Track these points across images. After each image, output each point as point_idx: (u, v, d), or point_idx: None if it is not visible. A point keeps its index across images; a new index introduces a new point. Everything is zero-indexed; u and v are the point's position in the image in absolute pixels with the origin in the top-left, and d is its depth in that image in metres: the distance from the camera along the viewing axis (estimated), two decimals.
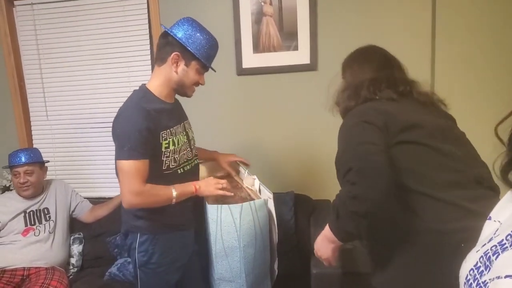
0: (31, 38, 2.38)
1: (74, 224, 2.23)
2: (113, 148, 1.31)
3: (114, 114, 1.34)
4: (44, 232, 2.04)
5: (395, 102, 1.12)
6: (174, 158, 1.36)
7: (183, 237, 1.45)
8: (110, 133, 1.33)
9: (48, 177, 2.22)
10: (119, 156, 1.28)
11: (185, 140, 1.43)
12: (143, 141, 1.25)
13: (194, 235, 1.52)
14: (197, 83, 1.41)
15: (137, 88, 1.41)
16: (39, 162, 2.09)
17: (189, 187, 1.37)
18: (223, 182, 1.43)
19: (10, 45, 2.36)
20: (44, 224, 2.06)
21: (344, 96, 1.21)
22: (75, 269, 2.15)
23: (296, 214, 2.03)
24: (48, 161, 2.18)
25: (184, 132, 1.44)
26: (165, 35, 1.36)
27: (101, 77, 2.34)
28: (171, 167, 1.35)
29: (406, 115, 1.08)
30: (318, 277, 1.55)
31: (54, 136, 2.45)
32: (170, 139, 1.34)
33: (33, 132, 2.47)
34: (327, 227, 1.06)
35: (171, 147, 1.34)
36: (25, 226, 2.03)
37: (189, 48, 1.32)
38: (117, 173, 1.31)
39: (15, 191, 2.12)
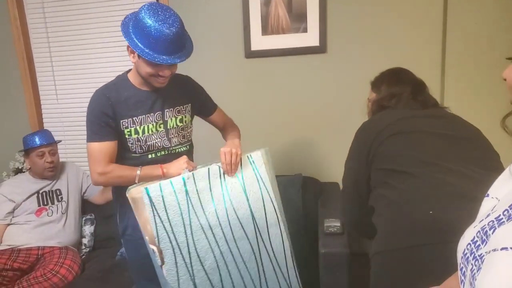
0: (40, 21, 2.38)
1: (85, 206, 2.27)
2: None
3: None
4: (57, 213, 2.09)
5: (410, 112, 1.23)
6: (139, 145, 1.37)
7: None
8: None
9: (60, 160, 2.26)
10: (86, 138, 1.36)
11: (160, 129, 1.39)
12: (102, 124, 1.31)
13: None
14: (155, 75, 1.29)
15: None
16: (56, 143, 2.15)
17: (156, 170, 1.33)
18: (188, 161, 1.35)
19: (20, 28, 2.36)
20: (57, 205, 2.11)
21: (373, 108, 1.36)
22: (87, 249, 2.20)
23: (304, 196, 2.04)
24: (60, 141, 2.22)
25: (161, 121, 1.39)
26: None
27: (110, 60, 2.35)
28: (137, 152, 1.38)
29: (412, 125, 1.18)
30: (326, 257, 1.57)
31: (63, 118, 2.48)
32: (132, 128, 1.34)
33: (43, 115, 2.50)
34: None
35: (134, 136, 1.35)
36: (38, 206, 2.08)
37: (127, 40, 1.24)
38: None
39: (28, 173, 2.16)
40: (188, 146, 1.50)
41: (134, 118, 1.34)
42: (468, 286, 0.57)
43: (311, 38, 2.16)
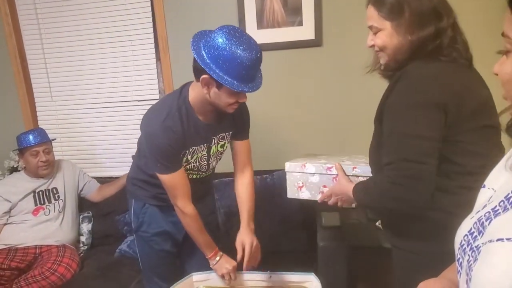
0: (32, 17, 2.34)
1: (83, 204, 2.26)
2: (119, 127, 1.34)
3: (118, 93, 1.35)
4: (54, 211, 2.08)
5: (460, 69, 0.95)
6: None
7: (172, 214, 1.43)
8: (116, 112, 1.36)
9: (55, 157, 2.24)
10: (154, 169, 1.33)
11: (203, 154, 1.39)
12: (171, 156, 1.29)
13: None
14: (232, 103, 1.24)
15: (178, 87, 1.35)
16: (50, 141, 2.13)
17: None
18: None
19: (11, 25, 2.33)
20: (54, 204, 2.10)
21: (403, 49, 0.97)
22: (85, 247, 2.20)
23: None
24: (55, 139, 2.20)
25: (206, 148, 1.38)
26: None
27: (104, 56, 2.32)
28: None
29: (476, 91, 0.94)
30: (325, 250, 1.58)
31: (58, 116, 2.46)
32: (185, 158, 1.34)
33: (38, 113, 2.48)
34: (350, 189, 1.09)
35: (183, 162, 1.35)
36: (35, 206, 2.07)
37: (213, 75, 1.14)
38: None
39: (23, 172, 2.15)
40: (213, 170, 1.52)
41: (190, 149, 1.33)
42: (464, 277, 0.57)
43: (306, 31, 2.14)
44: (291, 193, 1.41)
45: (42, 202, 2.08)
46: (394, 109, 0.94)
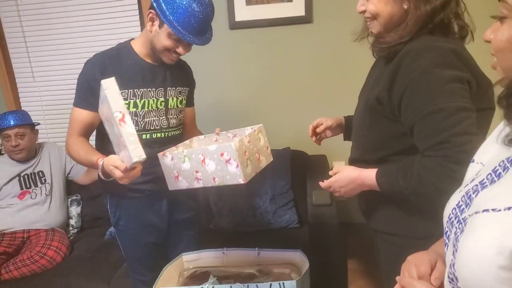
0: None
1: (71, 186, 2.22)
2: None
3: None
4: (41, 195, 2.04)
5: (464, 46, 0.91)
6: (136, 121, 1.27)
7: (151, 203, 1.38)
8: None
9: (40, 140, 2.18)
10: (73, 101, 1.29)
11: (160, 107, 1.31)
12: (91, 91, 1.22)
13: (171, 203, 1.42)
14: (171, 50, 1.22)
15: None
16: (29, 124, 2.05)
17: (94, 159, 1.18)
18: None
19: None
20: (40, 187, 2.06)
21: (395, 18, 0.92)
22: (75, 230, 2.17)
23: (292, 170, 2.04)
24: (38, 123, 2.13)
25: (162, 98, 1.31)
26: None
27: (87, 35, 2.24)
28: None
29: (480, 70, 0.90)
30: (316, 227, 1.59)
31: (42, 98, 2.39)
32: (132, 101, 1.25)
33: (20, 95, 2.40)
34: (368, 174, 0.96)
35: (132, 109, 1.25)
36: (21, 190, 2.02)
37: (156, 8, 1.15)
38: None
39: (7, 155, 2.09)
40: (181, 130, 1.43)
41: (135, 90, 1.25)
42: (451, 249, 0.57)
43: (296, 8, 2.10)
44: (171, 185, 1.26)
45: (28, 186, 2.04)
46: (425, 86, 0.84)
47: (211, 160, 1.15)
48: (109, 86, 1.04)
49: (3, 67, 2.32)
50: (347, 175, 1.01)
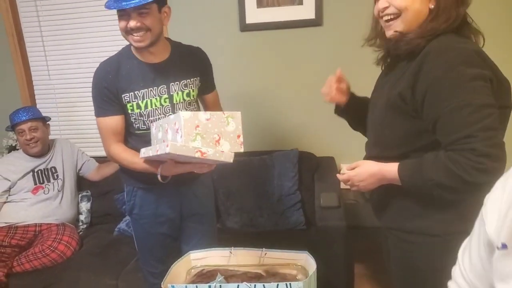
0: None
1: (81, 183, 2.27)
2: None
3: None
4: (53, 190, 2.09)
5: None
6: (142, 121, 1.33)
7: (165, 194, 1.41)
8: None
9: (52, 137, 2.23)
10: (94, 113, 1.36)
11: (165, 104, 1.33)
12: (105, 99, 1.30)
13: (183, 195, 1.45)
14: (125, 29, 1.23)
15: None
16: (40, 118, 2.10)
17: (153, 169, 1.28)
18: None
19: (7, 1, 2.28)
20: (53, 183, 2.10)
21: (420, 16, 0.94)
22: (85, 226, 2.21)
23: (300, 171, 2.05)
24: (50, 118, 2.19)
25: (166, 95, 1.33)
26: None
27: (103, 34, 2.28)
28: (141, 129, 1.35)
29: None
30: (323, 230, 1.60)
31: (56, 96, 2.44)
32: (134, 102, 1.30)
33: (35, 92, 2.46)
34: (389, 169, 0.97)
35: (136, 110, 1.31)
36: (34, 185, 2.07)
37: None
38: None
39: (21, 151, 2.14)
40: None
41: (135, 92, 1.30)
42: None
43: (306, 10, 2.11)
44: (147, 152, 1.26)
45: (41, 181, 2.09)
46: (450, 83, 0.87)
47: (170, 130, 1.19)
48: (171, 151, 1.07)
49: (21, 65, 2.38)
50: (367, 169, 1.02)
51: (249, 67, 2.23)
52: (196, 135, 1.13)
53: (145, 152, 1.27)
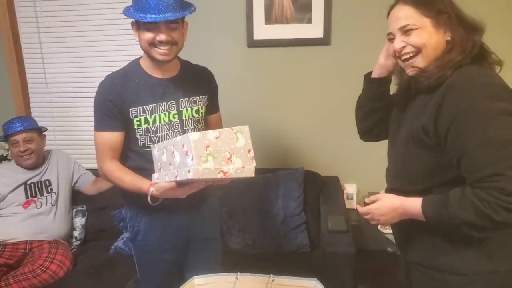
0: None
1: (76, 197, 2.17)
2: None
3: None
4: (46, 205, 1.99)
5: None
6: (149, 137, 1.27)
7: (172, 219, 1.35)
8: None
9: (48, 147, 2.14)
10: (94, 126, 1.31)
11: (173, 120, 1.29)
12: (107, 113, 1.24)
13: (192, 220, 1.39)
14: (152, 41, 1.18)
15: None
16: (36, 129, 2.01)
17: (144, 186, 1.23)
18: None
19: (5, 4, 2.20)
20: (46, 196, 2.00)
21: (439, 49, 0.93)
22: (78, 242, 2.11)
23: (305, 191, 2.01)
24: (46, 129, 2.10)
25: (174, 111, 1.29)
26: None
27: (102, 44, 2.22)
28: (146, 145, 1.29)
29: None
30: (332, 255, 1.55)
31: (53, 105, 2.35)
32: (142, 117, 1.25)
33: (31, 100, 2.36)
34: (412, 203, 0.94)
35: (143, 126, 1.26)
36: (26, 198, 1.97)
37: (124, 13, 1.19)
38: None
39: (14, 162, 2.04)
40: None
41: (144, 106, 1.25)
42: None
43: (315, 29, 2.10)
44: (158, 178, 1.25)
45: (33, 195, 1.98)
46: (475, 118, 0.84)
47: (177, 152, 1.14)
48: (194, 176, 1.04)
49: (16, 70, 2.28)
50: (388, 203, 0.99)
51: (255, 83, 2.20)
52: (207, 155, 1.08)
53: (160, 177, 1.21)
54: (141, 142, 1.28)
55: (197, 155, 1.05)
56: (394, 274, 1.30)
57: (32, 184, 2.00)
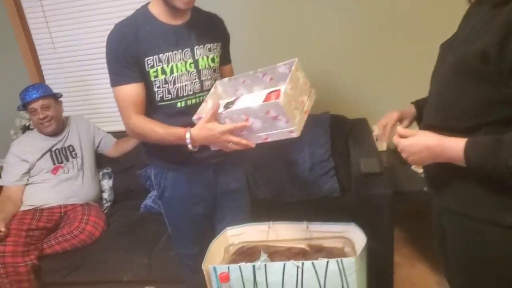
0: None
1: (100, 160, 2.18)
2: None
3: None
4: (73, 169, 2.00)
5: None
6: (167, 89, 1.19)
7: (199, 172, 1.31)
8: None
9: (65, 114, 2.12)
10: (110, 82, 1.21)
11: (190, 69, 1.21)
12: (124, 63, 1.15)
13: (217, 173, 1.34)
14: None
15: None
16: (52, 96, 1.98)
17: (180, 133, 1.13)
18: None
19: None
20: (72, 162, 2.02)
21: None
22: (109, 203, 2.15)
23: (332, 136, 1.91)
24: (61, 95, 2.06)
25: (191, 59, 1.21)
26: None
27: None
28: (165, 99, 1.20)
29: None
30: (367, 198, 1.48)
31: (64, 69, 2.29)
32: (159, 67, 1.17)
33: (42, 67, 2.31)
34: (452, 143, 0.80)
35: (161, 76, 1.17)
36: (53, 165, 1.99)
37: None
38: None
39: (36, 131, 2.04)
40: None
41: (160, 55, 1.16)
42: None
43: None
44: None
45: (60, 161, 2.00)
46: None
47: (256, 119, 1.07)
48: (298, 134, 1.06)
49: (23, 38, 2.22)
50: (423, 141, 0.84)
51: (275, 19, 2.03)
52: (294, 110, 1.06)
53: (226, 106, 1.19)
54: (159, 96, 1.20)
55: (290, 116, 1.03)
56: (431, 215, 1.23)
57: (57, 151, 2.01)
